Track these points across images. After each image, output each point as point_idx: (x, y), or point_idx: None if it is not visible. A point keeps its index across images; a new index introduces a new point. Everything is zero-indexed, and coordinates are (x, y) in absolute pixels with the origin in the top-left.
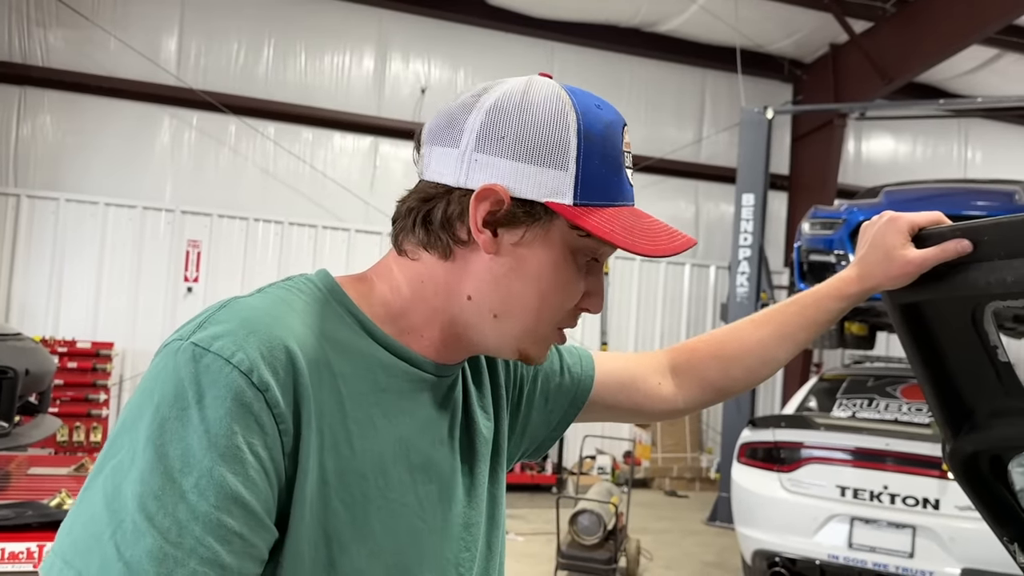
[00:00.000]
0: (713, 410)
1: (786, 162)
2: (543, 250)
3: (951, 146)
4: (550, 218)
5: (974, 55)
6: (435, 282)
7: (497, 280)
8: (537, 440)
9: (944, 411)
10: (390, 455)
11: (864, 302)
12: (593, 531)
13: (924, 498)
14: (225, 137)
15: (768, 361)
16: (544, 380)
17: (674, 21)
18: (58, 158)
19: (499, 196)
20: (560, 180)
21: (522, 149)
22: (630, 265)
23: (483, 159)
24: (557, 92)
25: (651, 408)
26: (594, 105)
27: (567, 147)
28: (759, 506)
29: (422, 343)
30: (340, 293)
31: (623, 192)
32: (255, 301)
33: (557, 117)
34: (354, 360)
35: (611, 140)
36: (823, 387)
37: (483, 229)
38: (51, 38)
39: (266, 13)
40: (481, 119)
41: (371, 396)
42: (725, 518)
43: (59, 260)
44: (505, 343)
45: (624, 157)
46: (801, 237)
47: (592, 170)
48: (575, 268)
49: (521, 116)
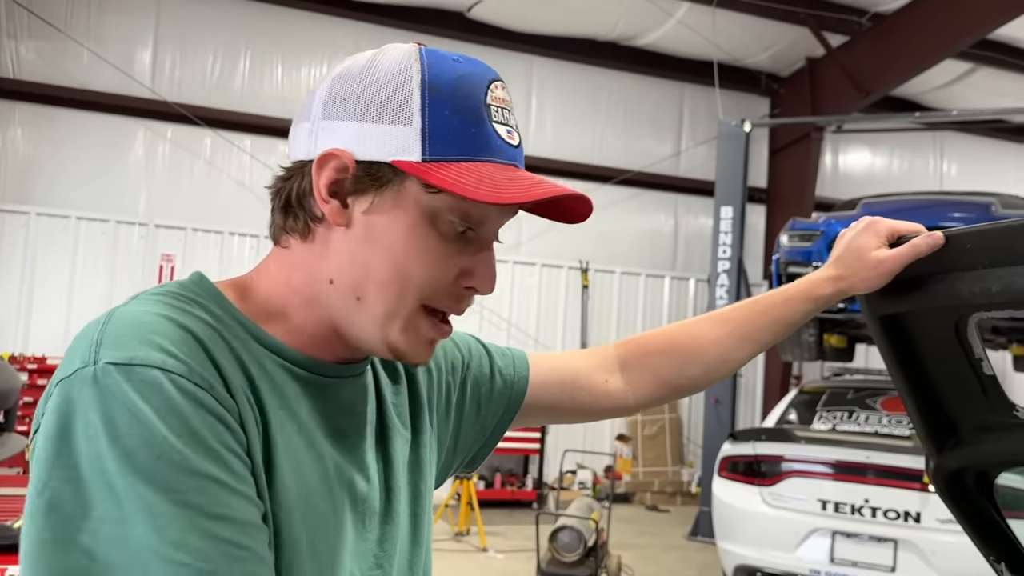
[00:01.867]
0: (694, 423)
1: (764, 175)
2: (396, 215)
3: (927, 159)
4: (400, 179)
5: (949, 69)
6: (302, 269)
7: (353, 256)
8: (472, 450)
9: (927, 426)
10: (306, 463)
11: (843, 314)
12: (573, 548)
13: (905, 511)
14: (200, 150)
15: (727, 360)
16: (474, 386)
17: (652, 35)
18: (29, 171)
19: (341, 160)
20: (405, 135)
21: (363, 108)
22: (609, 278)
23: (328, 125)
24: (407, 48)
25: (598, 406)
26: (451, 59)
27: (409, 99)
28: (740, 520)
29: (304, 340)
30: (219, 296)
31: (489, 146)
32: (139, 307)
33: (400, 72)
34: (256, 364)
35: (465, 90)
36: (803, 399)
37: (329, 198)
38: (23, 50)
39: (242, 25)
40: (327, 85)
41: (278, 400)
42: (707, 533)
43: (29, 275)
44: (370, 332)
45: (490, 111)
46: (780, 249)
47: (441, 122)
48: (437, 235)
49: (363, 76)
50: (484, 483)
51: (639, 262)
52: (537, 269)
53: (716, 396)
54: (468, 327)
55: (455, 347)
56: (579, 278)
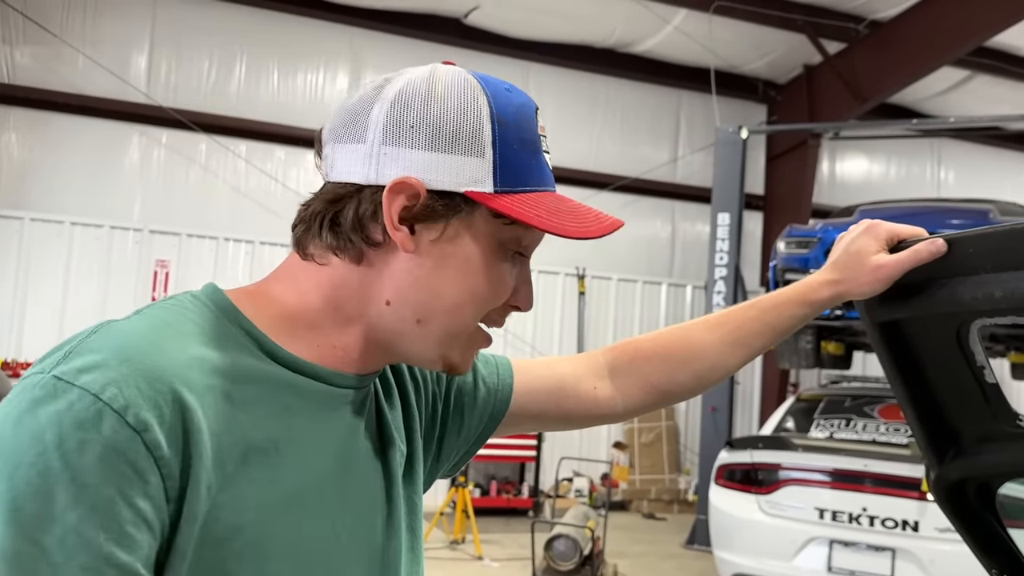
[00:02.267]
0: (691, 431)
1: (761, 182)
2: (466, 244)
3: (924, 166)
4: (471, 209)
5: (946, 76)
6: (349, 288)
7: (418, 281)
8: (455, 458)
9: (928, 436)
10: (303, 483)
11: (840, 321)
12: (569, 556)
13: (903, 520)
14: (195, 155)
15: (718, 367)
16: (458, 395)
17: (649, 42)
18: (24, 176)
19: (414, 189)
20: (478, 167)
21: (434, 138)
22: (606, 285)
23: (393, 152)
24: (464, 76)
25: (586, 414)
26: (504, 88)
27: (481, 132)
28: (737, 529)
29: (335, 354)
30: (233, 310)
31: (544, 176)
32: (132, 325)
33: (468, 102)
34: (256, 385)
35: (526, 123)
36: (800, 407)
37: (399, 226)
38: (18, 55)
39: (238, 31)
40: (386, 110)
41: (278, 422)
42: (703, 541)
43: (23, 280)
44: (429, 350)
45: (541, 141)
46: (777, 256)
47: (510, 155)
48: (502, 261)
49: (429, 104)
50: (480, 491)
51: (636, 269)
52: (533, 276)
53: (713, 404)
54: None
55: None
56: (576, 285)
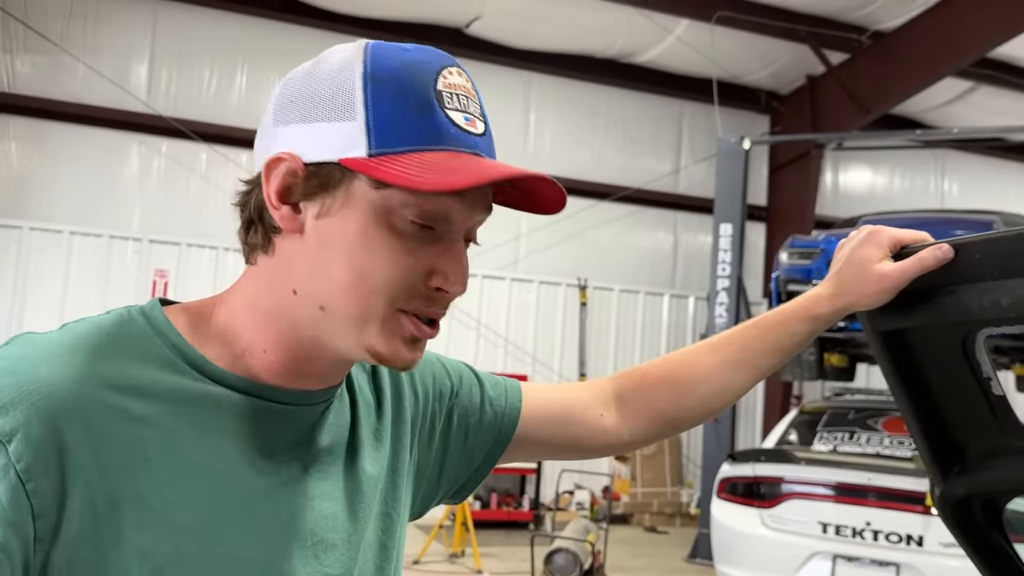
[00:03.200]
0: (693, 443)
1: (764, 193)
2: (347, 216)
3: (928, 178)
4: (349, 178)
5: (949, 87)
6: (264, 283)
7: (310, 263)
8: (458, 482)
9: (932, 450)
10: (222, 502)
11: (843, 332)
12: (569, 570)
13: (908, 534)
14: (195, 165)
15: (724, 390)
16: (462, 415)
17: (651, 52)
18: (23, 185)
19: (289, 164)
20: (350, 132)
21: (308, 108)
22: (608, 295)
23: (280, 132)
24: (352, 46)
25: (592, 443)
26: (399, 48)
27: (351, 92)
28: (739, 543)
29: (268, 363)
30: (163, 324)
31: (441, 135)
32: (44, 337)
33: (342, 67)
34: (167, 400)
35: (411, 77)
36: (803, 420)
37: (279, 205)
38: (18, 64)
39: (239, 40)
40: (277, 92)
41: (191, 436)
42: (706, 555)
43: (22, 289)
44: (345, 340)
45: (442, 98)
46: (779, 267)
47: (385, 112)
48: (393, 233)
49: (308, 76)
50: (480, 503)
51: (638, 280)
52: (535, 286)
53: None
54: (465, 343)
55: (445, 374)
56: (577, 295)
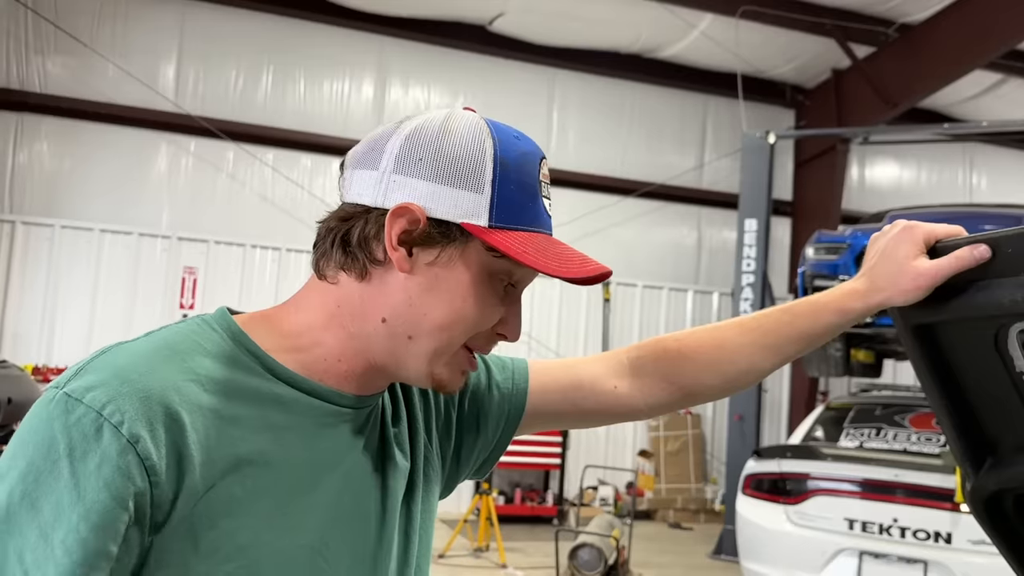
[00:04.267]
0: (718, 440)
1: (789, 188)
2: (458, 270)
3: (956, 172)
4: (465, 239)
5: (978, 80)
6: (351, 305)
7: (411, 300)
8: (478, 461)
9: (964, 445)
10: (290, 495)
11: (870, 329)
12: (593, 566)
13: (936, 531)
14: (223, 164)
15: (748, 371)
16: (472, 400)
17: (675, 47)
18: (54, 184)
19: (415, 215)
20: (476, 202)
21: (439, 171)
22: (631, 291)
23: (401, 180)
24: (476, 120)
25: (607, 412)
26: (512, 135)
27: (483, 171)
28: (765, 540)
29: (339, 373)
30: (237, 332)
31: (539, 219)
32: (136, 347)
33: (475, 142)
34: (248, 401)
35: (527, 168)
36: (830, 416)
37: (398, 247)
38: (49, 65)
39: (265, 40)
40: (400, 142)
41: (269, 436)
42: (730, 552)
43: (53, 287)
44: (419, 367)
45: (541, 187)
46: (805, 262)
47: (507, 194)
48: (491, 290)
49: (440, 140)
50: (504, 499)
51: (661, 275)
52: (558, 282)
53: (740, 412)
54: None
55: None
56: (601, 291)
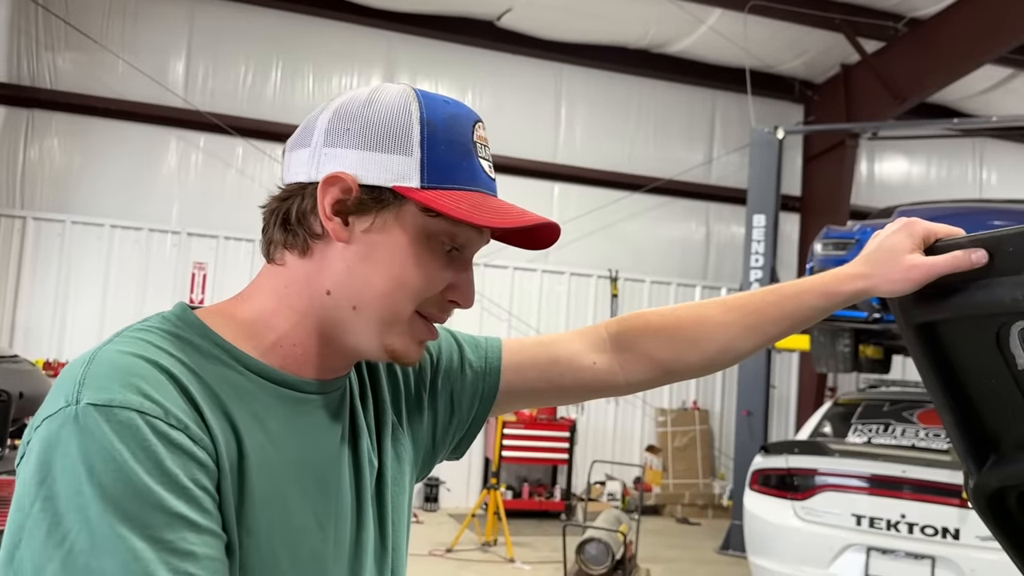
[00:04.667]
0: (726, 435)
1: (798, 183)
2: (395, 234)
3: (966, 167)
4: (399, 203)
5: (988, 75)
6: (297, 283)
7: (351, 269)
8: (453, 441)
9: (966, 442)
10: (286, 479)
11: (879, 325)
12: (601, 560)
13: (943, 527)
14: (232, 159)
15: (728, 350)
16: (444, 381)
17: (683, 42)
18: (65, 180)
19: (346, 183)
20: (406, 164)
21: (367, 138)
22: (639, 287)
23: (332, 152)
24: (403, 88)
25: (585, 388)
26: (441, 100)
27: (409, 133)
28: (772, 535)
29: (297, 357)
30: (200, 326)
31: (476, 178)
32: (120, 347)
33: (400, 107)
34: (230, 391)
35: (458, 129)
36: (838, 412)
37: (332, 216)
38: (59, 61)
39: (274, 36)
40: (329, 116)
41: (255, 423)
42: (738, 547)
43: (64, 282)
44: (369, 338)
45: (476, 148)
46: (813, 257)
47: (438, 155)
48: (431, 253)
49: (366, 109)
50: (512, 493)
51: (669, 271)
52: (566, 278)
53: (748, 408)
54: (497, 335)
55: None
56: (608, 287)
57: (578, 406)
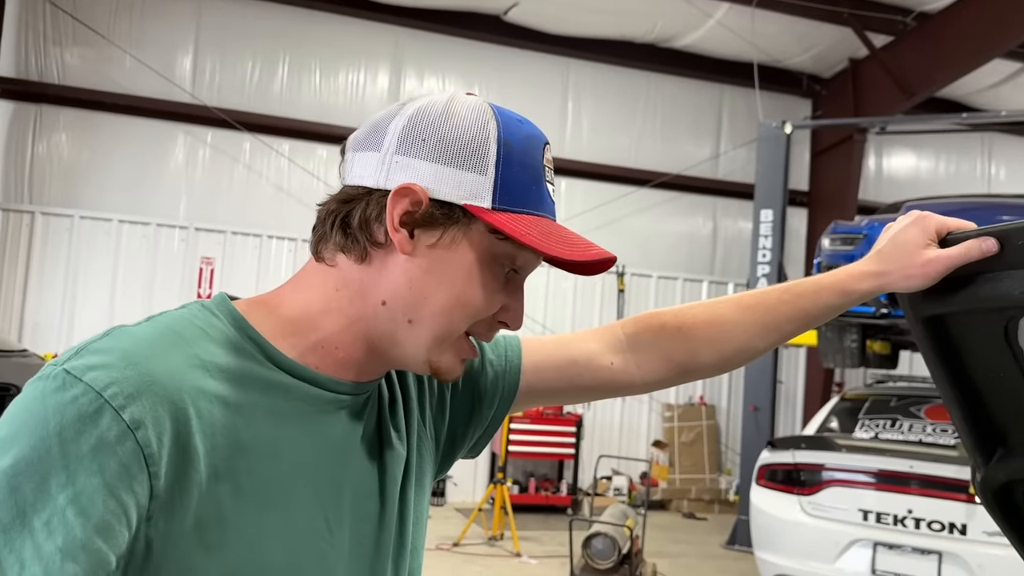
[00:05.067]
0: (732, 430)
1: (806, 178)
2: (460, 252)
3: (974, 162)
4: (468, 221)
5: (997, 69)
6: (350, 288)
7: (412, 282)
8: (472, 440)
9: (974, 436)
10: (294, 480)
11: (886, 320)
12: (607, 555)
13: (951, 523)
14: (239, 154)
15: (744, 350)
16: (466, 380)
17: (690, 36)
18: (73, 175)
19: (417, 196)
20: (479, 184)
21: (442, 152)
22: (646, 282)
23: (403, 161)
24: (480, 102)
25: (602, 388)
26: (516, 119)
27: (486, 152)
28: (779, 530)
29: (336, 359)
30: (238, 318)
31: (543, 203)
32: (141, 331)
33: (478, 124)
34: (251, 389)
35: (531, 151)
36: (845, 407)
37: (399, 228)
38: (67, 56)
39: (281, 31)
40: (403, 123)
41: (271, 423)
42: (744, 542)
43: (72, 277)
44: (418, 352)
45: (545, 171)
46: (821, 253)
47: (511, 176)
48: (492, 274)
49: (443, 121)
50: (518, 488)
51: (676, 266)
52: (573, 275)
53: (755, 403)
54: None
55: None
56: (615, 282)
57: (585, 403)
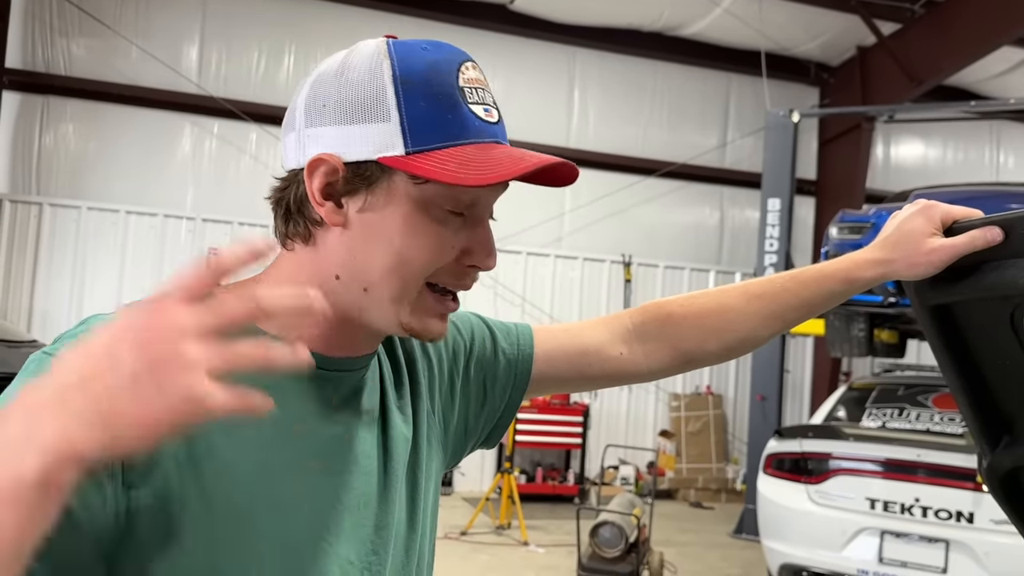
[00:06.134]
0: (739, 420)
1: (813, 167)
2: (390, 209)
3: (983, 150)
4: (388, 175)
5: (1006, 56)
6: (305, 269)
7: (354, 252)
8: (485, 430)
9: (980, 423)
10: (280, 460)
11: (894, 309)
12: (615, 543)
13: (958, 511)
14: (246, 145)
15: (749, 339)
16: (478, 369)
17: (697, 25)
18: (80, 166)
19: (330, 164)
20: (386, 132)
21: (343, 112)
22: (653, 272)
23: (313, 132)
24: (374, 47)
25: (611, 377)
26: (420, 48)
27: (383, 96)
28: (786, 519)
29: (313, 338)
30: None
31: (467, 129)
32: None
33: (371, 70)
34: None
35: (437, 77)
36: (852, 396)
37: (323, 202)
38: (74, 47)
39: (287, 21)
40: (305, 94)
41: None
42: (751, 531)
43: (80, 268)
44: (385, 317)
45: (464, 93)
46: (828, 242)
47: (417, 113)
48: (433, 221)
49: (338, 80)
50: (525, 477)
51: (683, 256)
52: (579, 263)
53: (762, 392)
54: (511, 320)
55: (457, 332)
56: (622, 272)
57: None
